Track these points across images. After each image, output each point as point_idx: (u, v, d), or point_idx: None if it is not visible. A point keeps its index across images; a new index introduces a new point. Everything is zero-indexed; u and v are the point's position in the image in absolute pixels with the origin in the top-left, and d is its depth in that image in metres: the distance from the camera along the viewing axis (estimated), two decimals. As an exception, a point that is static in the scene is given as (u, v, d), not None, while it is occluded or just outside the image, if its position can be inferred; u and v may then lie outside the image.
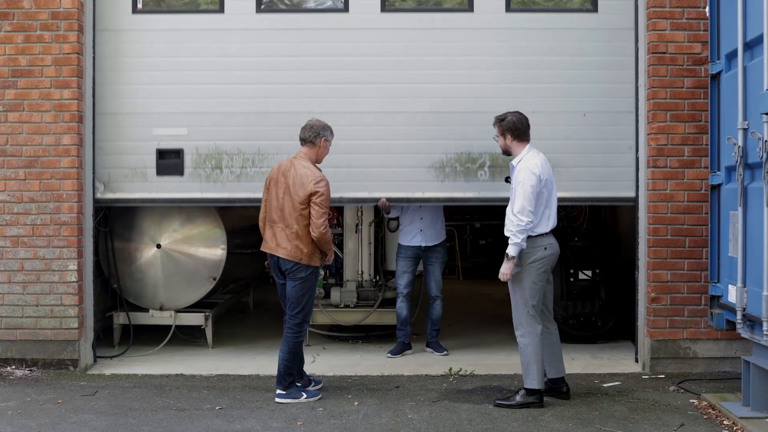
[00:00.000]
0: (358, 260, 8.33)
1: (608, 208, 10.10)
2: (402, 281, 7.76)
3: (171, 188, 7.26)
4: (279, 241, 6.05)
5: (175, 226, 7.92)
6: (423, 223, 7.72)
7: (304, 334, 6.19)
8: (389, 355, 7.66)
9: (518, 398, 5.91)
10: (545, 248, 5.86)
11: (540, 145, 6.16)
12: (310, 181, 5.94)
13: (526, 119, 6.03)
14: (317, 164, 6.21)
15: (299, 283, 6.04)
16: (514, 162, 5.99)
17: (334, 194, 6.44)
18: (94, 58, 7.19)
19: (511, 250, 5.73)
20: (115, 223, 7.86)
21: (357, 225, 8.29)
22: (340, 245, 8.40)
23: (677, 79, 6.85)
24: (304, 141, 6.18)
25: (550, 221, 5.92)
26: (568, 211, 9.24)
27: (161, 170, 7.24)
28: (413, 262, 7.80)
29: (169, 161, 7.22)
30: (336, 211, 8.57)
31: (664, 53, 6.84)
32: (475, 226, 15.76)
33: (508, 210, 5.88)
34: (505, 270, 5.79)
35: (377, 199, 7.27)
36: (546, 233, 5.89)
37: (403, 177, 7.22)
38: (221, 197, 7.33)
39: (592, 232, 8.97)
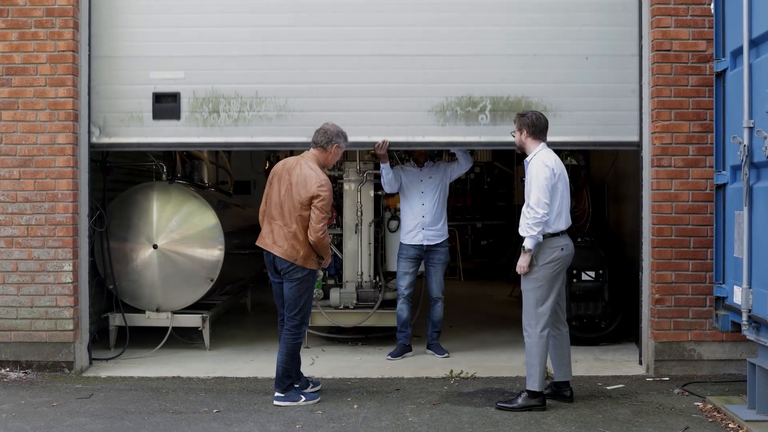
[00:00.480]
0: (357, 261, 8.24)
1: (611, 207, 10.03)
2: (403, 282, 7.68)
3: (167, 133, 7.18)
4: (276, 239, 5.99)
5: (172, 226, 7.85)
6: (425, 220, 7.64)
7: (302, 336, 6.14)
8: (389, 357, 7.60)
9: (520, 401, 5.87)
10: (562, 249, 5.87)
11: (542, 89, 6.18)
12: (313, 184, 5.88)
13: (546, 120, 6.06)
14: (325, 168, 6.17)
15: (296, 284, 5.98)
16: (527, 159, 6.02)
17: None
18: None
19: (527, 243, 5.75)
20: (110, 222, 7.79)
21: (357, 225, 8.21)
22: (339, 245, 8.32)
23: (682, 77, 6.80)
24: (315, 144, 6.12)
25: (566, 218, 5.95)
26: (570, 210, 9.16)
27: (157, 114, 7.15)
28: (415, 263, 7.72)
29: (166, 105, 7.15)
30: (336, 212, 8.48)
31: (669, 51, 6.79)
32: (476, 227, 15.70)
33: (523, 209, 5.90)
34: (523, 263, 5.80)
35: (376, 144, 7.19)
36: (562, 232, 5.90)
37: (403, 121, 7.16)
38: (218, 141, 7.29)
39: (595, 232, 8.88)
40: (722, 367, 6.85)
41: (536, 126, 5.96)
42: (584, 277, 8.16)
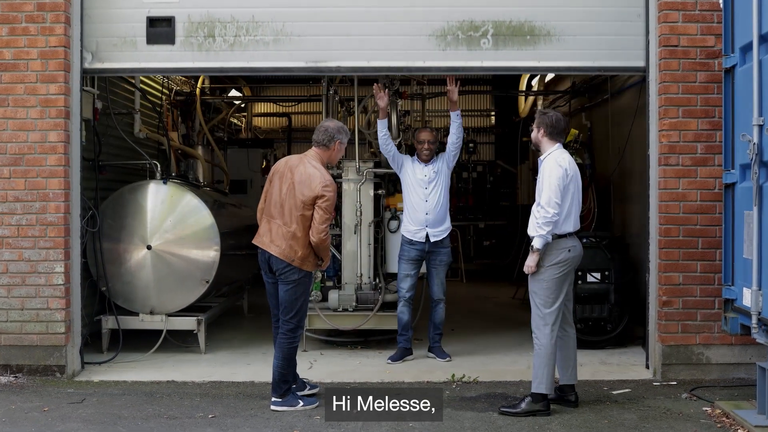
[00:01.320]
0: (357, 262, 8.13)
1: (617, 207, 9.94)
2: (404, 285, 7.58)
3: (162, 58, 7.10)
4: (273, 238, 5.89)
5: (167, 226, 7.76)
6: (429, 218, 7.54)
7: (298, 339, 6.05)
8: (389, 360, 7.51)
9: (524, 406, 5.84)
10: (569, 250, 5.87)
11: (546, 12, 6.20)
12: (318, 184, 5.79)
13: (565, 123, 6.09)
14: (328, 166, 6.10)
15: (292, 286, 5.89)
16: (541, 157, 6.03)
17: (331, 63, 6.37)
18: None
19: (536, 243, 5.75)
20: (103, 223, 7.69)
21: (356, 225, 8.09)
22: (338, 246, 8.21)
23: (690, 73, 6.73)
24: (317, 143, 6.03)
25: (575, 221, 5.94)
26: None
27: (151, 39, 7.07)
28: (416, 264, 7.62)
29: (160, 29, 7.07)
30: (335, 211, 8.36)
31: (676, 46, 6.73)
32: (479, 227, 15.59)
33: (533, 207, 5.88)
34: (531, 262, 5.81)
35: (376, 69, 7.13)
36: (570, 234, 5.90)
37: (403, 45, 7.07)
38: (214, 66, 7.22)
39: (602, 233, 8.75)
40: (731, 371, 6.77)
41: (555, 127, 5.97)
42: (589, 278, 8.07)
